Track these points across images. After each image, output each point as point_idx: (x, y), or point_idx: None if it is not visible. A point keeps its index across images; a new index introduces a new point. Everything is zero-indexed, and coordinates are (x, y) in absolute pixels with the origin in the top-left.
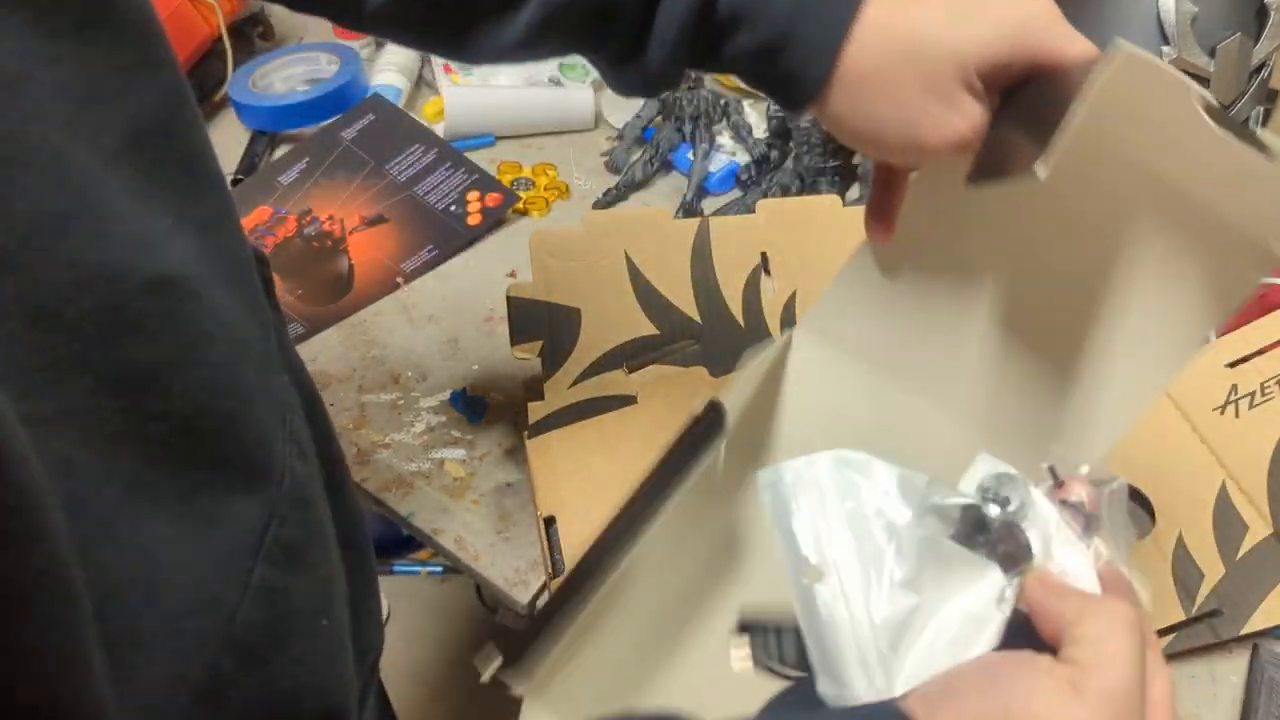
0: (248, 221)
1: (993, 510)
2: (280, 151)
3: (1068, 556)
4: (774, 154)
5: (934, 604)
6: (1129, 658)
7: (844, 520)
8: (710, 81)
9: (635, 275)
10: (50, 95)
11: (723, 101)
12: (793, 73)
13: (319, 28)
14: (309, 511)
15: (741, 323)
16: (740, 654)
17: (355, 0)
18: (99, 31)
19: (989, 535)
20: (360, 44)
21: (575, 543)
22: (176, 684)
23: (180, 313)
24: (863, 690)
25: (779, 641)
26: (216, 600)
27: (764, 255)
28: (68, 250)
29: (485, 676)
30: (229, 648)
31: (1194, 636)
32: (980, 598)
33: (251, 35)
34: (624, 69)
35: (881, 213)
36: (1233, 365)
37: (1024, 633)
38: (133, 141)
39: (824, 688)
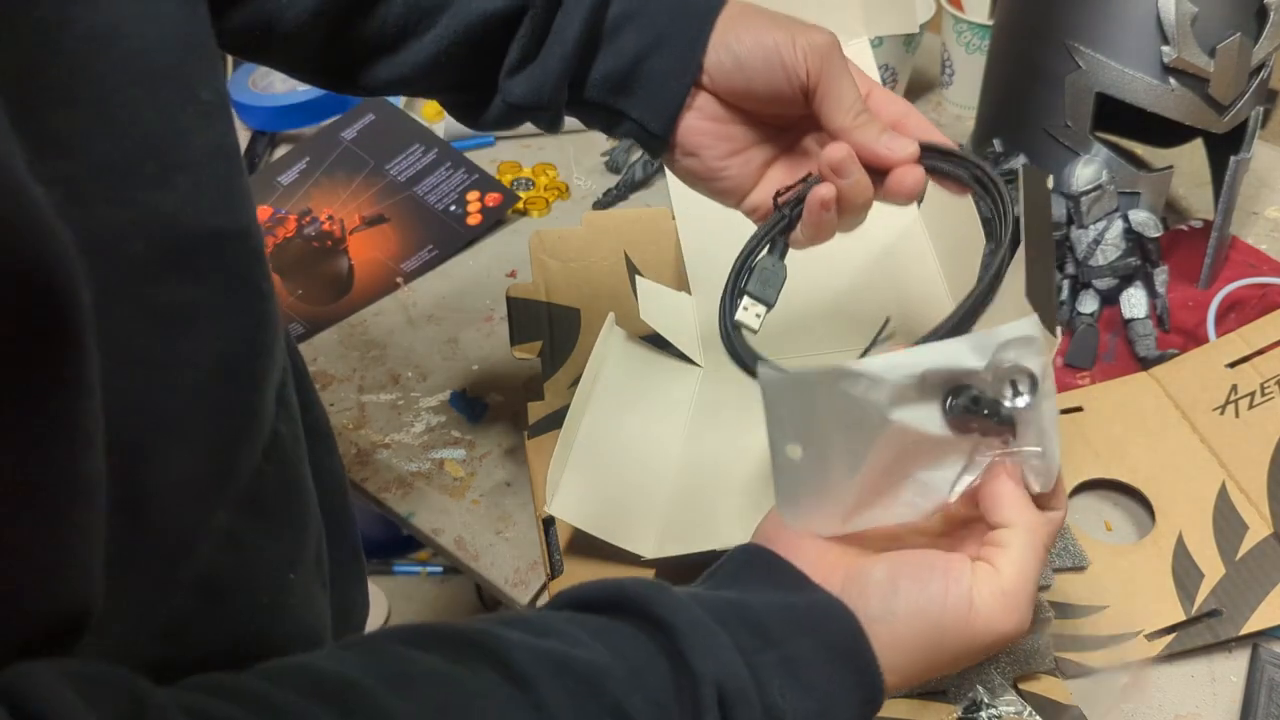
0: None
1: (1005, 403)
2: (280, 151)
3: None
4: None
5: (895, 486)
6: (1037, 570)
7: (831, 424)
8: None
9: (635, 276)
10: (141, 50)
11: None
12: (672, 52)
13: None
14: (287, 472)
15: None
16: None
17: (266, 21)
18: (196, 1)
19: (980, 418)
20: None
21: (575, 543)
22: (141, 618)
23: (238, 266)
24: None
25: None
26: (187, 540)
27: None
28: (130, 193)
29: None
30: (194, 588)
31: (1194, 636)
32: (941, 475)
33: None
34: (522, 77)
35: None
36: (1233, 365)
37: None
38: (223, 101)
39: (789, 518)
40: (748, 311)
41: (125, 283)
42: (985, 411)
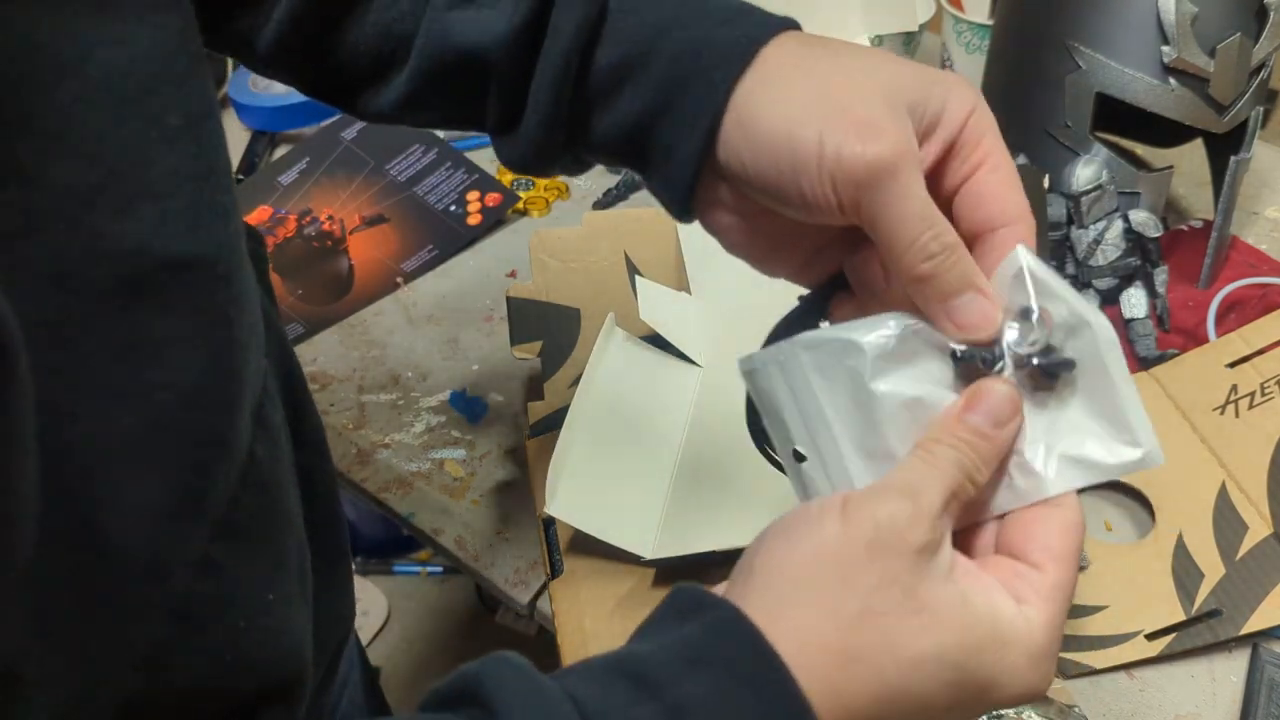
0: (247, 221)
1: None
2: (280, 151)
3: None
4: None
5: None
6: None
7: (826, 400)
8: None
9: (635, 275)
10: (108, 75)
11: None
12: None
13: None
14: (267, 495)
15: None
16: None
17: (247, 42)
18: (168, 16)
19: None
20: None
21: (575, 543)
22: (115, 650)
23: (204, 293)
24: None
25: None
26: (159, 570)
27: None
28: (92, 222)
29: None
30: (169, 617)
31: (1194, 636)
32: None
33: None
34: (506, 141)
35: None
36: (1233, 365)
37: None
38: (196, 122)
39: None
40: None
41: (88, 312)
42: (990, 356)
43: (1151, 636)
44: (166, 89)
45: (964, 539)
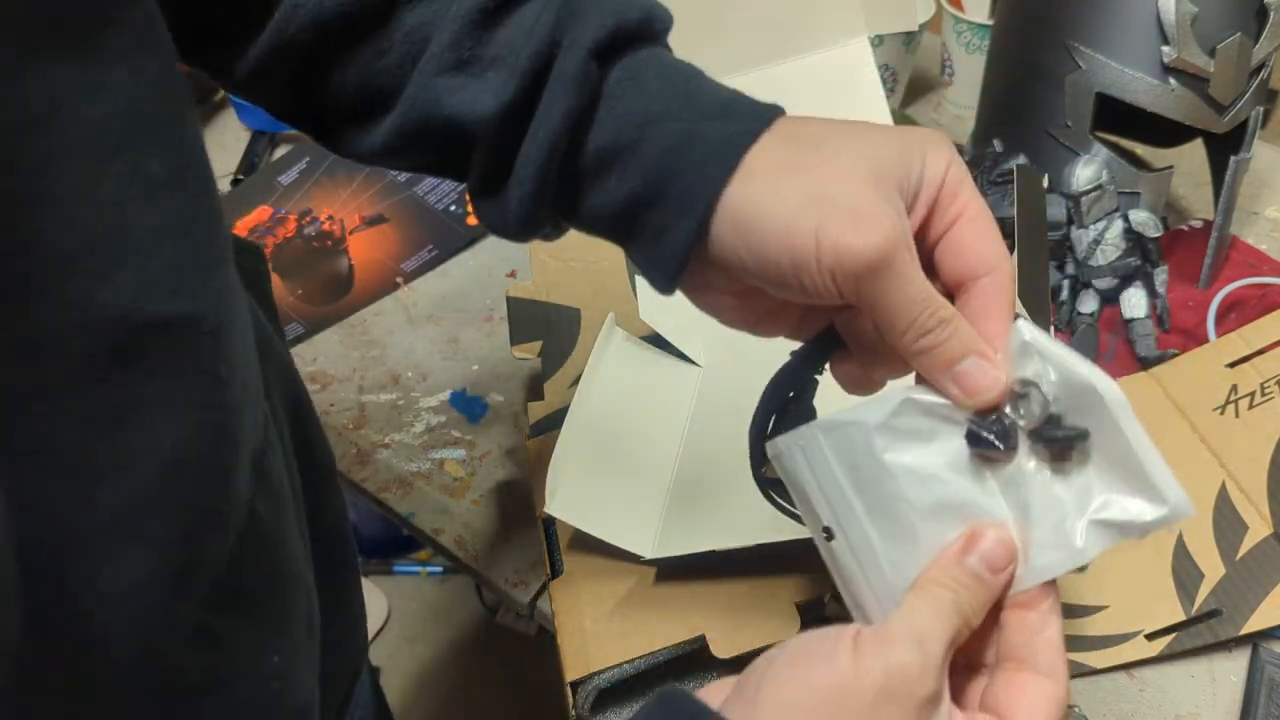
0: (248, 221)
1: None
2: (280, 151)
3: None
4: None
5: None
6: None
7: (846, 481)
8: None
9: (635, 275)
10: (85, 128)
11: None
12: (681, 194)
13: None
14: (269, 551)
15: None
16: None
17: (226, 69)
18: (147, 61)
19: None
20: None
21: (575, 543)
22: None
23: (190, 353)
24: (880, 618)
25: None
26: (148, 649)
27: None
28: (71, 291)
29: None
30: (161, 697)
31: (1194, 636)
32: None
33: None
34: (487, 206)
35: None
36: (1233, 365)
37: None
38: (179, 171)
39: (855, 616)
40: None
41: (61, 384)
42: (1000, 432)
43: (1151, 636)
44: (148, 138)
45: (959, 686)
